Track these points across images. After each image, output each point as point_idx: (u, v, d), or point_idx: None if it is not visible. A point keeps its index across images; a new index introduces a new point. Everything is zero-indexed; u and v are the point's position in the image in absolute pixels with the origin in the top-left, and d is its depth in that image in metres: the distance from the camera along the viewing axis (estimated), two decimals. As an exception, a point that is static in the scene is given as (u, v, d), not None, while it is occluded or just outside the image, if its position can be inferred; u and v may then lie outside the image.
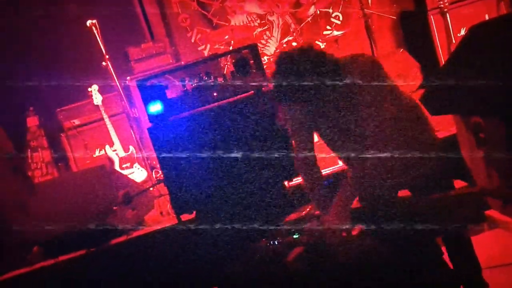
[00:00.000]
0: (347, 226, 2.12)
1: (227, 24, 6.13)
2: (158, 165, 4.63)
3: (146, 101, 3.06)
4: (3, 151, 4.47)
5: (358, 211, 2.24)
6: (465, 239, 2.45)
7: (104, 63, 4.81)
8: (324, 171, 3.41)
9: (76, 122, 5.33)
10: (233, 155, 3.04)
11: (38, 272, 3.60)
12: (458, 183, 3.50)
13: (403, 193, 2.44)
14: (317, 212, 2.38)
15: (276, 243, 2.25)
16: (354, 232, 2.14)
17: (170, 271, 3.46)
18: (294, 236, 2.29)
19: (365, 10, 5.17)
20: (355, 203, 2.26)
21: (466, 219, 2.62)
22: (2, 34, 5.46)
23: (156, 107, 3.05)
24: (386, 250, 2.01)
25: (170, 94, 3.17)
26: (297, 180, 3.38)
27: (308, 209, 2.50)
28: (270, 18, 6.23)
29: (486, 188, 3.16)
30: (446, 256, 2.43)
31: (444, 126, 3.86)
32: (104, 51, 4.79)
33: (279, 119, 2.59)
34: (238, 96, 3.15)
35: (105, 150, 5.13)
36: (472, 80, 2.92)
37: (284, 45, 6.01)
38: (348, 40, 5.98)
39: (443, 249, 2.43)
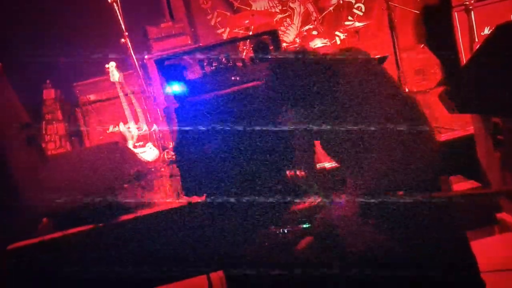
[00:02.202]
0: (359, 217, 2.11)
1: (248, 8, 6.09)
2: (170, 146, 4.65)
3: (165, 80, 3.05)
4: (18, 121, 4.50)
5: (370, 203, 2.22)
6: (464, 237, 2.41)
7: (123, 40, 4.81)
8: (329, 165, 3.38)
9: (92, 97, 5.35)
10: (247, 140, 3.03)
11: (46, 244, 3.63)
12: (472, 184, 3.49)
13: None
14: (324, 203, 2.37)
15: (286, 231, 2.25)
16: (365, 223, 2.13)
17: (177, 253, 3.48)
18: (304, 226, 2.28)
19: (389, 2, 5.11)
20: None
21: (477, 220, 2.60)
22: (22, 7, 5.46)
23: (173, 88, 3.04)
24: (396, 242, 2.00)
25: (189, 75, 3.16)
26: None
27: (318, 199, 2.49)
28: (292, 5, 6.19)
29: (500, 189, 3.13)
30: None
31: (461, 125, 3.82)
32: (124, 28, 4.78)
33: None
34: (257, 82, 3.13)
35: (119, 127, 5.14)
36: (494, 80, 2.88)
37: (304, 33, 5.96)
38: (369, 32, 5.93)
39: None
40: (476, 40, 4.74)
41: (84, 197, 3.64)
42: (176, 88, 3.01)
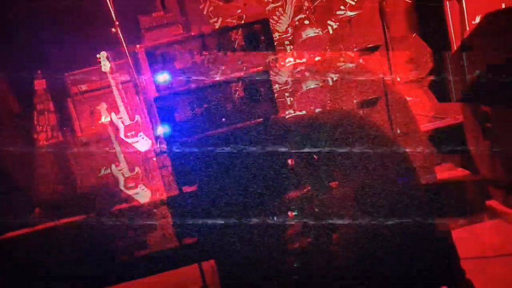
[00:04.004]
0: (349, 206, 2.13)
1: (240, -2, 6.06)
2: (162, 135, 4.64)
3: (154, 70, 3.05)
4: (10, 112, 4.49)
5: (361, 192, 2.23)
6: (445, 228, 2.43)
7: (113, 29, 4.78)
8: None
9: (84, 87, 5.33)
10: (238, 129, 3.04)
11: (38, 233, 3.64)
12: (461, 171, 3.51)
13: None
14: (317, 191, 2.39)
15: (275, 219, 2.26)
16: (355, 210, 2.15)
17: (169, 241, 3.49)
18: (294, 213, 2.30)
19: (381, -9, 5.09)
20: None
21: (466, 207, 2.62)
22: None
23: (163, 77, 3.03)
24: (385, 231, 2.02)
25: (179, 64, 3.15)
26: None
27: (309, 188, 2.50)
28: (284, -5, 6.16)
29: (489, 176, 3.16)
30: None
31: (450, 114, 3.84)
32: (114, 17, 4.75)
33: None
34: (247, 71, 3.13)
35: (110, 117, 5.13)
36: (483, 69, 2.89)
37: (296, 23, 5.94)
38: (361, 21, 5.92)
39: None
40: (467, 28, 4.75)
41: (75, 187, 3.65)
42: (165, 77, 3.01)
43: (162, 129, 3.02)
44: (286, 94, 5.68)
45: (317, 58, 5.41)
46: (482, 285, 2.49)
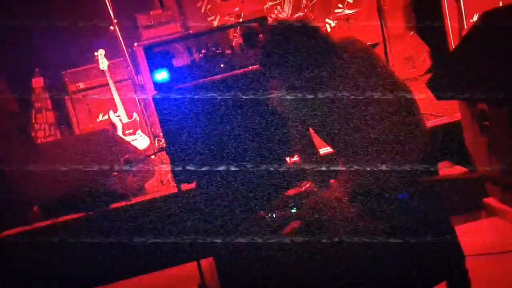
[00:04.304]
0: (347, 203, 2.13)
1: (238, -5, 6.05)
2: (161, 133, 4.65)
3: (152, 68, 3.04)
4: (8, 110, 4.48)
5: (360, 189, 2.24)
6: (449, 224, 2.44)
7: (111, 27, 4.78)
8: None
9: (81, 85, 5.33)
10: (236, 127, 3.04)
11: (37, 232, 3.64)
12: (459, 169, 3.52)
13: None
14: (316, 189, 2.39)
15: (274, 215, 2.27)
16: (351, 209, 2.15)
17: (167, 239, 3.50)
18: (292, 210, 2.31)
19: (378, -11, 5.10)
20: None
21: (464, 204, 2.63)
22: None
23: (162, 75, 3.03)
24: (382, 229, 2.03)
25: (177, 63, 3.15)
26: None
27: (307, 185, 2.51)
28: (282, -7, 6.16)
29: (486, 175, 3.17)
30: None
31: (448, 112, 3.85)
32: (112, 15, 4.75)
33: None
34: (245, 69, 3.13)
35: (108, 115, 5.14)
36: (481, 67, 2.90)
37: (294, 21, 5.95)
38: (359, 19, 5.92)
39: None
40: (465, 27, 4.75)
41: (74, 185, 3.64)
42: (163, 75, 3.01)
43: (160, 75, 3.01)
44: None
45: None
46: (479, 283, 2.50)
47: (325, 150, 3.55)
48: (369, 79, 2.15)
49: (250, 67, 3.12)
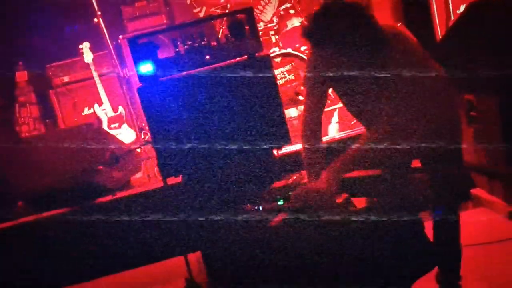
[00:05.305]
0: (334, 193, 2.12)
1: (224, -14, 6.00)
2: (147, 127, 4.60)
3: (137, 60, 3.00)
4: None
5: (349, 180, 2.23)
6: (454, 221, 2.45)
7: (95, 20, 4.72)
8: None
9: (66, 79, 5.26)
10: (223, 119, 3.01)
11: (21, 227, 3.59)
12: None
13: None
14: (303, 181, 2.38)
15: (261, 208, 2.25)
16: (339, 200, 2.14)
17: (153, 234, 3.47)
18: (279, 203, 2.29)
19: (365, -20, 5.08)
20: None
21: (453, 196, 2.63)
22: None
23: (146, 67, 2.99)
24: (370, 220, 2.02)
25: (162, 54, 3.11)
26: (286, 149, 3.37)
27: (294, 177, 2.49)
28: (269, -16, 6.12)
29: (474, 165, 3.18)
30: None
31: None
32: (96, 7, 4.69)
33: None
34: (231, 60, 3.10)
35: (94, 109, 5.08)
36: (467, 57, 2.90)
37: (281, 13, 5.91)
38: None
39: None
40: (452, 17, 4.76)
41: (59, 180, 3.60)
42: (148, 68, 2.97)
43: (145, 68, 2.97)
44: (271, 32, 5.67)
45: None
46: (467, 273, 2.51)
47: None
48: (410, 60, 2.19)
49: (236, 59, 3.08)
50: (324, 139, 3.34)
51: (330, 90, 2.48)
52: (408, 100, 2.15)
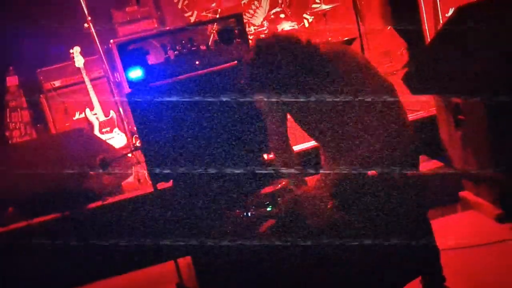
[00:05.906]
0: (323, 198, 2.13)
1: (215, -9, 6.02)
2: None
3: (126, 66, 3.00)
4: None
5: (336, 185, 2.24)
6: (426, 221, 2.46)
7: (86, 25, 4.72)
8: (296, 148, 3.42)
9: (57, 83, 5.25)
10: (212, 125, 3.02)
11: (12, 233, 3.59)
12: (435, 163, 3.55)
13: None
14: (291, 186, 2.39)
15: (250, 214, 2.26)
16: (329, 205, 2.15)
17: (144, 239, 3.47)
18: (268, 209, 2.30)
19: (355, -15, 5.11)
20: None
21: (440, 198, 2.65)
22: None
23: (136, 73, 2.99)
24: (358, 223, 2.03)
25: (152, 60, 3.11)
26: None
27: (283, 183, 2.50)
28: (259, -12, 6.15)
29: (461, 168, 3.20)
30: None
31: (424, 106, 3.87)
32: (86, 12, 4.69)
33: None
34: (221, 66, 3.11)
35: (85, 114, 5.07)
36: (455, 60, 2.92)
37: (272, 16, 5.93)
38: (336, 15, 5.93)
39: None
40: (441, 21, 4.79)
41: (49, 185, 3.59)
42: (137, 73, 2.97)
43: (134, 73, 2.97)
44: (262, 36, 5.70)
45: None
46: (456, 276, 2.53)
47: (299, 147, 3.57)
48: (356, 81, 2.23)
49: (225, 64, 3.09)
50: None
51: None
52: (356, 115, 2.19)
